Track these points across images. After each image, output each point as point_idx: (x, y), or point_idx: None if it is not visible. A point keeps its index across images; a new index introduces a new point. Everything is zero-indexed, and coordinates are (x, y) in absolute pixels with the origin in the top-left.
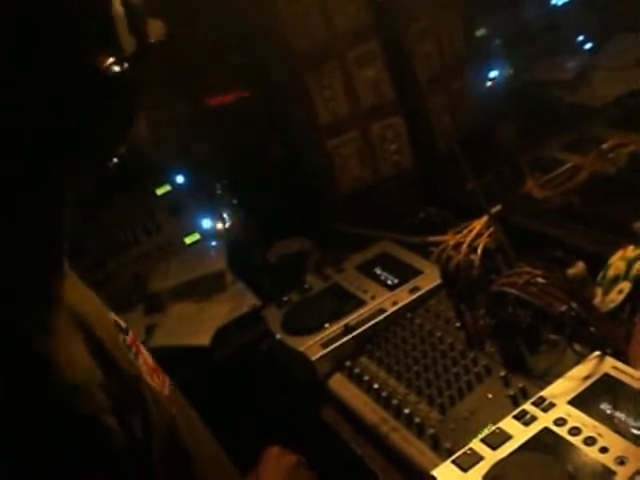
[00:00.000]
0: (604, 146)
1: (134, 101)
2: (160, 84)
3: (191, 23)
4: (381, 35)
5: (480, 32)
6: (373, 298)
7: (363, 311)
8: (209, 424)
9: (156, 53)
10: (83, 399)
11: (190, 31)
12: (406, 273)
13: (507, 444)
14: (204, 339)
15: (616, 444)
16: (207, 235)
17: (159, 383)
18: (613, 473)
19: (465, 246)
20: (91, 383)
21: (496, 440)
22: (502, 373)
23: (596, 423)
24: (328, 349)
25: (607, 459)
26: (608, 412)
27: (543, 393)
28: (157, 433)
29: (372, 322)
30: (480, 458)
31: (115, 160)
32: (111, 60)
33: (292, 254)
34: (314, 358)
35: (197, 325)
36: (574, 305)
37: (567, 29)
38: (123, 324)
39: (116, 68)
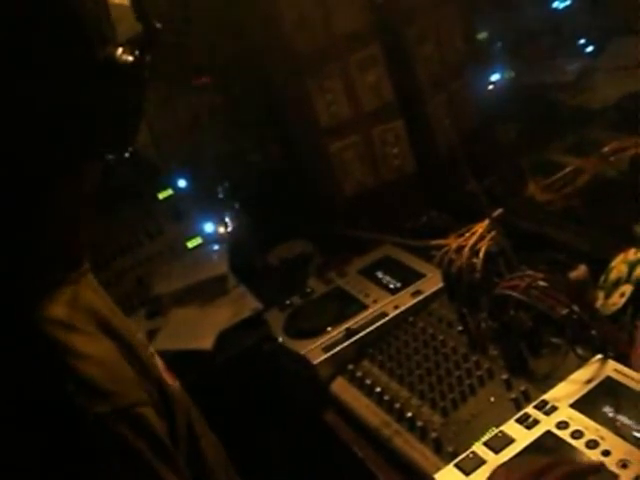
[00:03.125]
0: (605, 149)
1: (145, 88)
2: (159, 87)
3: (192, 25)
4: (382, 38)
5: (481, 35)
6: (375, 302)
7: (365, 315)
8: (212, 427)
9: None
10: (108, 395)
11: (191, 33)
12: (408, 277)
13: (509, 447)
14: (207, 343)
15: (618, 447)
16: (209, 239)
17: (172, 382)
18: (616, 476)
19: (467, 249)
20: (122, 380)
21: (498, 443)
22: (504, 376)
23: (598, 426)
24: (330, 353)
25: (609, 462)
26: (610, 415)
27: (545, 396)
28: (181, 435)
29: (374, 326)
30: (482, 462)
31: (129, 150)
32: (121, 50)
33: (294, 257)
34: (316, 362)
35: (200, 329)
36: (576, 308)
37: (568, 32)
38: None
39: (129, 57)
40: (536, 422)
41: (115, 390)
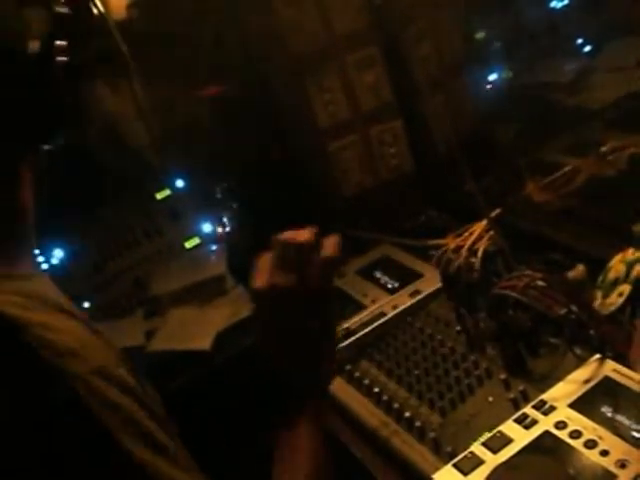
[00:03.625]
0: (603, 149)
1: (77, 82)
2: (158, 87)
3: (190, 24)
4: (380, 38)
5: (479, 35)
6: (373, 302)
7: (363, 315)
8: (210, 428)
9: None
10: (78, 356)
11: (189, 32)
12: (406, 277)
13: (508, 448)
14: (205, 343)
15: (617, 447)
16: (207, 239)
17: None
18: (614, 476)
19: (465, 249)
20: (90, 345)
21: (497, 444)
22: (503, 376)
23: (597, 426)
24: None
25: (608, 462)
26: (609, 415)
27: (544, 396)
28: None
29: (372, 326)
30: (481, 462)
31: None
32: (35, 43)
33: None
34: None
35: (198, 329)
36: (574, 308)
37: (566, 32)
38: None
39: (40, 47)
40: (534, 422)
41: (84, 354)
